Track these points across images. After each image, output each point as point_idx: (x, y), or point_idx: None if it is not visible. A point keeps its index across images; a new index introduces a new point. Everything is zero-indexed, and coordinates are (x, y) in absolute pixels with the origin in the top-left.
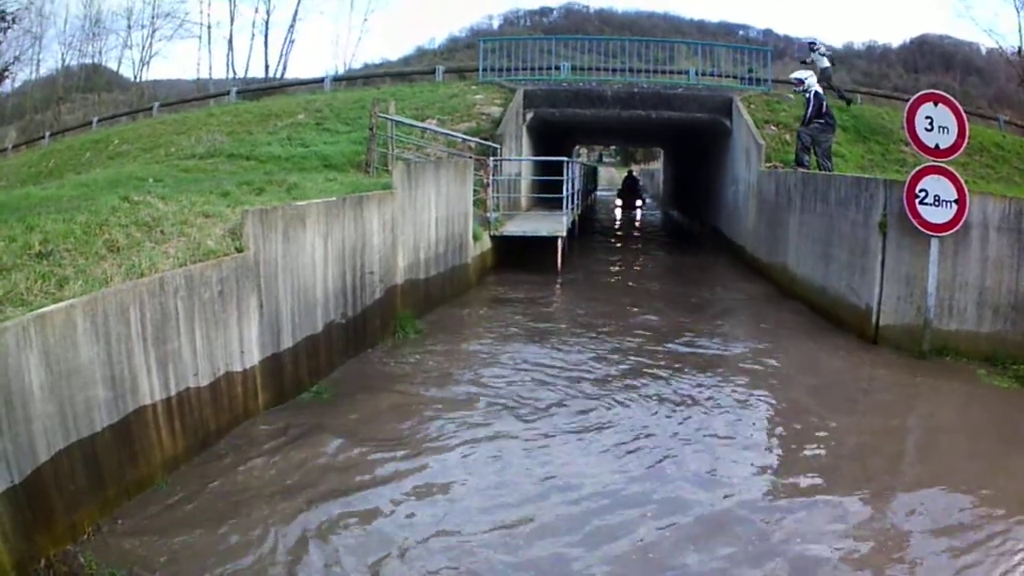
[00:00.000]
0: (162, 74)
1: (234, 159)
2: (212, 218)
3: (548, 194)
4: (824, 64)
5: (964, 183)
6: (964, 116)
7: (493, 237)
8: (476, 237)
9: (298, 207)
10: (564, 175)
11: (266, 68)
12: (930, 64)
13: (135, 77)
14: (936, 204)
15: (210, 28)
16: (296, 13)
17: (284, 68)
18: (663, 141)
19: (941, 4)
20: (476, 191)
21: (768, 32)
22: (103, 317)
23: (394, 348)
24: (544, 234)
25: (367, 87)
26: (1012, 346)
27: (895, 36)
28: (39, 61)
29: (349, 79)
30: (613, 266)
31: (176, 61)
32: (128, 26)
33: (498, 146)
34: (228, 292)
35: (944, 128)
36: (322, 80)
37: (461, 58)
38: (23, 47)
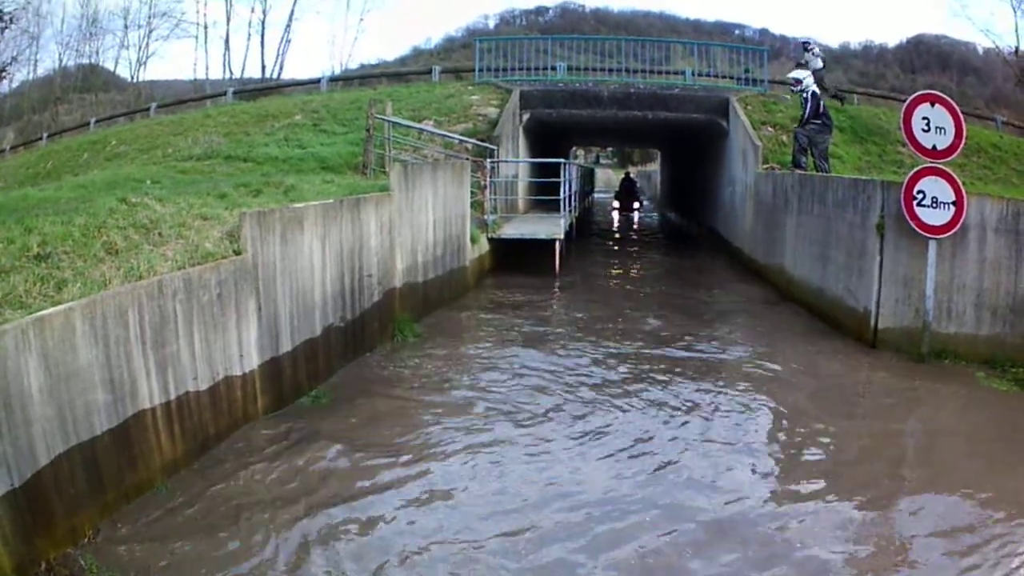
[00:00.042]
0: (159, 74)
1: (231, 160)
2: (210, 220)
3: (545, 196)
4: (817, 65)
5: (962, 184)
6: (961, 117)
7: (491, 240)
8: (474, 240)
9: (296, 209)
10: (561, 177)
11: (262, 68)
12: (927, 64)
13: (132, 77)
14: (934, 206)
15: (206, 28)
16: (292, 13)
17: (280, 68)
18: (660, 142)
19: (937, 3)
20: (473, 193)
21: (764, 32)
22: (102, 320)
23: (392, 352)
24: (542, 237)
25: (363, 87)
26: (1011, 348)
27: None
28: (36, 61)
29: (345, 79)
30: (611, 269)
31: (172, 61)
32: (125, 26)
33: (495, 147)
34: (226, 295)
35: (941, 129)
36: (319, 80)
37: (457, 58)
38: (20, 47)
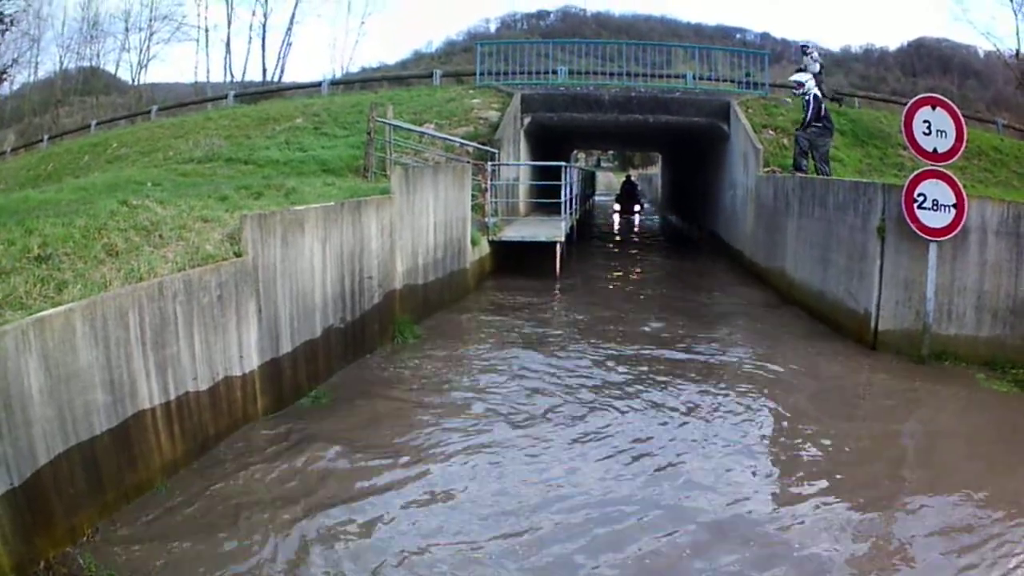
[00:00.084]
0: (160, 77)
1: (232, 163)
2: (211, 222)
3: (546, 199)
4: (815, 69)
5: (962, 187)
6: (962, 120)
7: (491, 242)
8: (474, 242)
9: (297, 212)
10: (562, 180)
11: (263, 71)
12: (928, 67)
13: (133, 80)
14: (934, 208)
15: (207, 31)
16: (293, 16)
17: (281, 71)
18: (661, 145)
19: (938, 7)
20: (474, 196)
21: (766, 36)
22: (102, 321)
23: (392, 353)
24: (543, 239)
25: (364, 91)
26: (1011, 350)
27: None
28: (37, 64)
29: (346, 83)
30: (611, 271)
31: (174, 64)
32: (126, 29)
33: (496, 151)
34: (227, 297)
35: (942, 132)
36: (320, 84)
37: (458, 62)
38: (21, 49)
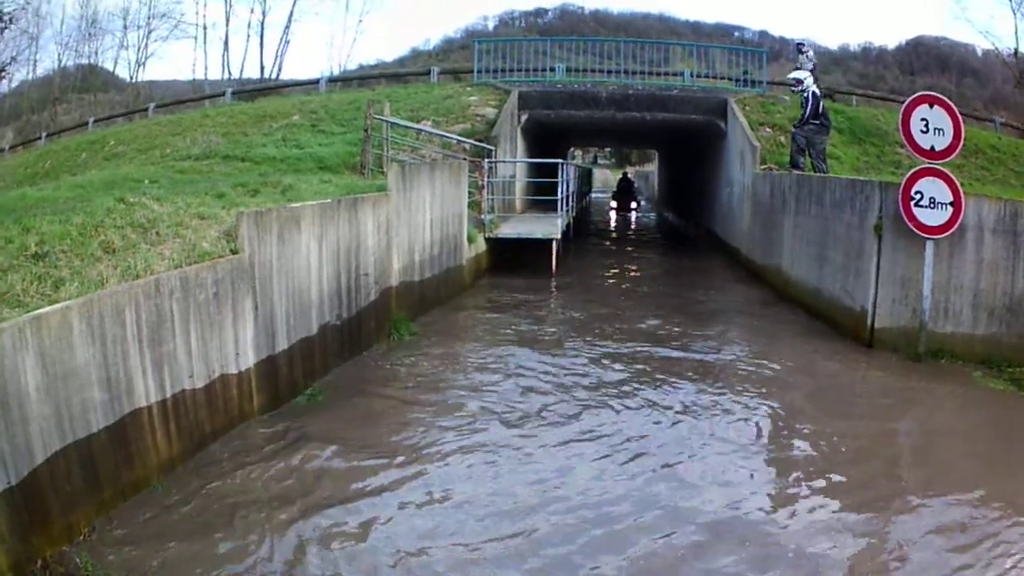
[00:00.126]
0: (158, 75)
1: (229, 160)
2: (207, 220)
3: (543, 196)
4: (808, 67)
5: (960, 185)
6: (960, 118)
7: (488, 239)
8: (471, 239)
9: (293, 209)
10: (559, 177)
11: (261, 69)
12: (926, 66)
13: (131, 78)
14: (931, 206)
15: (206, 29)
16: (291, 14)
17: (279, 69)
18: (658, 143)
19: (937, 6)
20: (471, 193)
21: (763, 34)
22: (99, 319)
23: (389, 351)
24: (539, 236)
25: (362, 88)
26: (1007, 348)
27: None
28: (36, 61)
29: (344, 80)
30: (608, 269)
31: (172, 62)
32: (124, 26)
33: (493, 148)
34: (223, 294)
35: (940, 130)
36: (317, 81)
37: (456, 59)
38: (20, 47)
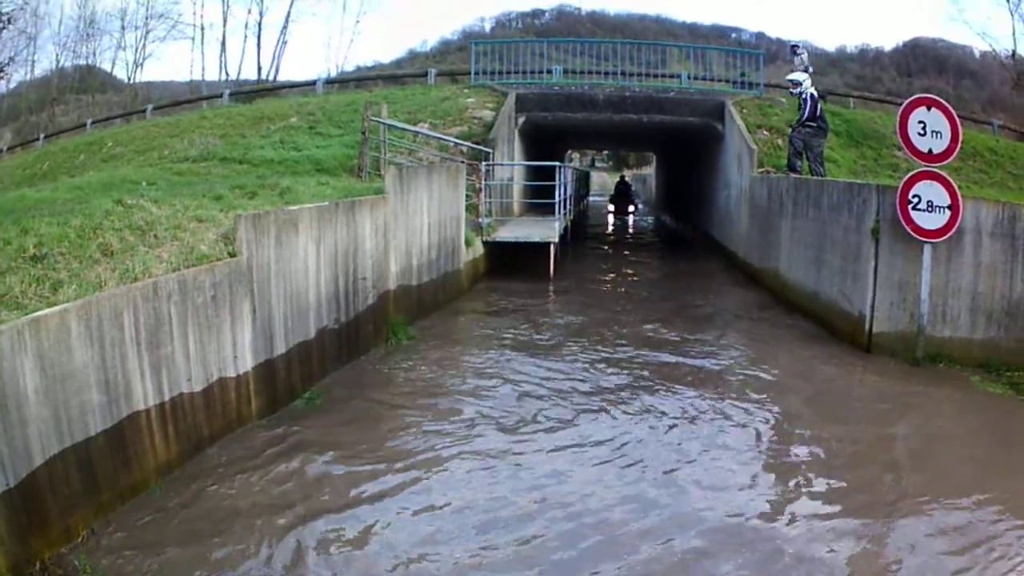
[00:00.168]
0: (155, 75)
1: (227, 162)
2: (205, 222)
3: (541, 199)
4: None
5: (957, 188)
6: (957, 120)
7: (485, 243)
8: (468, 243)
9: (291, 212)
10: (556, 180)
11: (259, 70)
12: (923, 68)
13: (129, 78)
14: (929, 210)
15: (203, 30)
16: (289, 15)
17: (276, 70)
18: (655, 145)
19: (934, 7)
20: (468, 196)
21: (761, 35)
22: (97, 321)
23: (386, 355)
24: (536, 240)
25: (359, 90)
26: (1005, 352)
27: (888, 39)
28: (34, 62)
29: (341, 82)
30: (605, 272)
31: (169, 62)
32: (122, 27)
33: (490, 150)
34: (221, 297)
35: (937, 133)
36: (314, 83)
37: (453, 61)
38: (18, 48)
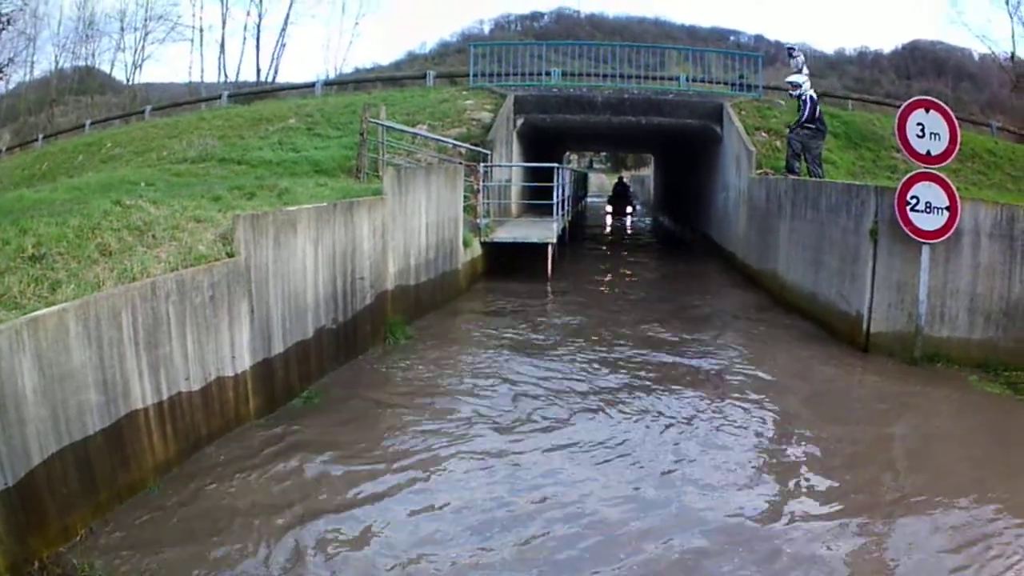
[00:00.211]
0: (154, 77)
1: (225, 163)
2: (203, 223)
3: (539, 200)
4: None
5: (956, 190)
6: (956, 122)
7: (483, 243)
8: (466, 243)
9: (289, 212)
10: (555, 181)
11: (257, 72)
12: (922, 70)
13: (128, 80)
14: (927, 211)
15: (202, 31)
16: (288, 17)
17: (275, 72)
18: (653, 147)
19: (933, 10)
20: (466, 197)
21: (759, 38)
22: (95, 321)
23: (384, 355)
24: (534, 241)
25: (358, 92)
26: (1003, 352)
27: (887, 42)
28: (33, 63)
29: (340, 83)
30: (603, 273)
31: (168, 64)
32: (121, 28)
33: (488, 152)
34: (219, 297)
35: (935, 134)
36: (313, 84)
37: (452, 63)
38: (17, 49)
